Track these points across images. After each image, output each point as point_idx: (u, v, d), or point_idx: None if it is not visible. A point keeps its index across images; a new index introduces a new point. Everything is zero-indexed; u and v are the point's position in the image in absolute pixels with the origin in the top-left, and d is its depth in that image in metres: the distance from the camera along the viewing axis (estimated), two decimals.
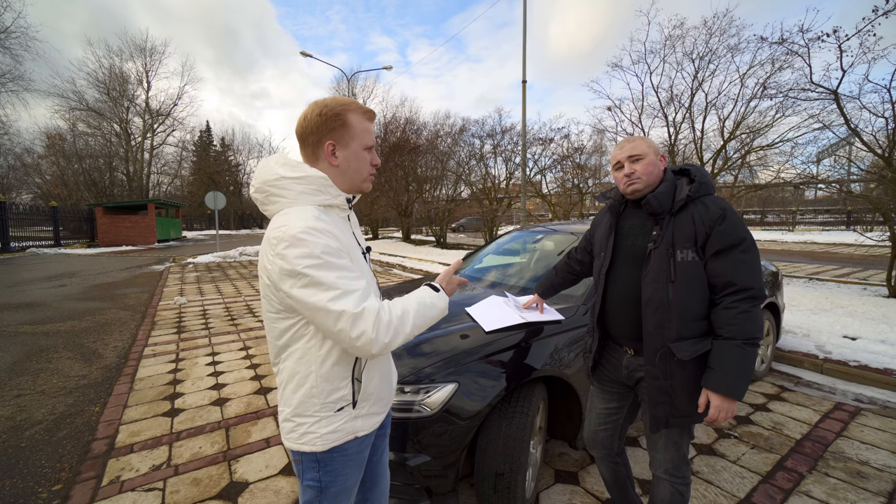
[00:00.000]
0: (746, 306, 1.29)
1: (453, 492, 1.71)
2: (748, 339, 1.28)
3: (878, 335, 4.19)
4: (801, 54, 6.44)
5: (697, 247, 1.36)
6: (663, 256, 1.39)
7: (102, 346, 4.48)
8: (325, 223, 0.96)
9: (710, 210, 1.35)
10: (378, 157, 1.11)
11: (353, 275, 0.95)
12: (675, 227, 1.39)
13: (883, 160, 5.95)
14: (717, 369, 1.31)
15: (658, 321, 1.39)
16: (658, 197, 1.41)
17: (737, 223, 1.33)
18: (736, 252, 1.31)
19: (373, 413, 1.11)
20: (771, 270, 3.78)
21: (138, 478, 2.23)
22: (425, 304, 1.05)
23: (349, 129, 1.04)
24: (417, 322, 1.01)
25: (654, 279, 1.40)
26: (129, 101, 33.01)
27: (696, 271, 1.35)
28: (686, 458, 1.52)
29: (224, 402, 3.16)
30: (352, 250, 1.03)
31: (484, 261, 3.53)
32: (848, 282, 7.61)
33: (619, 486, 1.78)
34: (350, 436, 1.06)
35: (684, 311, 1.35)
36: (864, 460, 2.38)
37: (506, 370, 1.83)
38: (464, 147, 17.16)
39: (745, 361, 1.28)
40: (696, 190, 1.40)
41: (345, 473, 1.07)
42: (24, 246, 16.46)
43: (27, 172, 32.65)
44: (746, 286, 1.29)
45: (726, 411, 1.31)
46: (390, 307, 0.98)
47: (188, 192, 41.50)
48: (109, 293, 7.64)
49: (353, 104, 1.06)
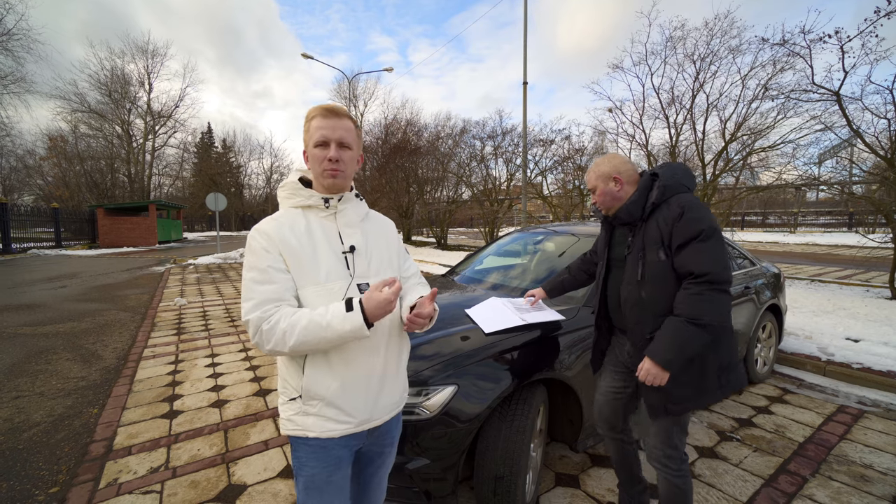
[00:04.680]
0: (698, 289, 1.39)
1: (453, 495, 1.69)
2: (691, 318, 1.38)
3: (881, 337, 4.16)
4: (802, 55, 6.43)
5: (665, 246, 1.48)
6: (634, 260, 1.55)
7: (102, 348, 4.47)
8: (272, 225, 1.07)
9: (672, 210, 1.47)
10: (336, 151, 1.07)
11: (260, 279, 1.01)
12: (645, 231, 1.54)
13: (885, 161, 5.94)
14: (656, 338, 1.45)
15: (636, 318, 1.56)
16: (628, 208, 1.57)
17: (694, 217, 1.43)
18: (694, 243, 1.42)
19: (328, 418, 1.06)
20: (773, 272, 3.76)
21: (136, 480, 2.21)
22: (318, 325, 0.96)
23: (308, 132, 1.09)
24: (303, 340, 0.96)
25: (629, 281, 1.58)
26: (130, 102, 33.05)
27: (665, 270, 1.48)
28: (678, 450, 1.59)
29: (223, 403, 3.14)
30: (301, 252, 1.05)
31: (484, 262, 3.52)
32: (850, 284, 7.58)
33: (626, 466, 1.87)
34: (301, 431, 1.07)
35: (656, 307, 1.50)
36: (868, 463, 2.36)
37: (506, 372, 1.81)
38: (465, 148, 17.20)
39: (681, 336, 1.39)
40: (661, 195, 1.52)
41: (310, 465, 1.09)
42: (25, 247, 16.48)
43: (29, 174, 32.70)
44: (703, 272, 1.39)
45: (653, 376, 1.43)
46: (277, 321, 0.97)
47: (189, 194, 41.57)
48: (110, 294, 7.64)
49: (318, 108, 1.09)
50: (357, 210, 1.19)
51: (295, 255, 1.04)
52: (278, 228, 1.06)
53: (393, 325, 1.17)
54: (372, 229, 1.22)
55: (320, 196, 1.11)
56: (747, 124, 8.01)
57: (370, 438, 1.18)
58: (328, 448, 1.08)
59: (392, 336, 1.17)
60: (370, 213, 1.27)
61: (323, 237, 1.10)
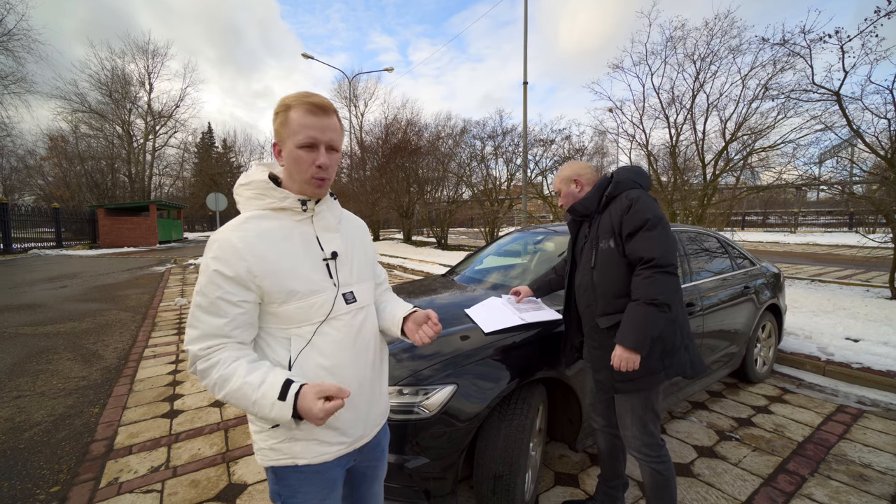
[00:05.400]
0: (649, 273, 1.52)
1: (452, 494, 1.70)
2: (650, 300, 1.50)
3: (881, 337, 4.16)
4: (802, 55, 6.42)
5: (615, 235, 1.63)
6: (589, 249, 1.72)
7: (102, 348, 4.48)
8: (238, 236, 0.90)
9: (622, 202, 1.63)
10: (326, 157, 0.94)
11: (207, 308, 0.88)
12: (599, 223, 1.71)
13: (886, 161, 5.93)
14: (622, 325, 1.54)
15: (587, 301, 1.74)
16: (583, 202, 1.78)
17: (641, 209, 1.58)
18: (641, 232, 1.56)
19: (321, 441, 0.96)
20: (773, 272, 3.76)
21: (137, 479, 2.22)
22: (245, 396, 0.85)
23: (287, 126, 0.92)
24: (230, 400, 0.87)
25: (583, 267, 1.75)
26: (131, 102, 33.06)
27: (614, 257, 1.63)
28: (654, 436, 1.67)
29: (223, 403, 3.15)
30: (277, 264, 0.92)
31: (484, 262, 3.52)
32: (850, 283, 7.58)
33: (612, 458, 1.93)
34: (289, 459, 0.96)
35: (606, 290, 1.65)
36: (867, 463, 2.36)
37: (505, 372, 1.82)
38: (465, 148, 17.18)
39: (642, 318, 1.50)
40: (613, 189, 1.70)
41: (304, 492, 0.99)
42: (26, 247, 16.50)
43: (30, 174, 32.75)
44: (651, 257, 1.52)
45: (626, 361, 1.51)
46: (213, 365, 0.86)
47: (190, 194, 41.60)
48: (110, 294, 7.65)
49: (299, 98, 0.93)
50: (334, 212, 1.06)
51: (270, 268, 0.91)
52: (245, 239, 0.90)
53: (375, 332, 1.11)
54: (349, 232, 1.11)
55: (297, 198, 0.97)
56: (747, 124, 8.01)
57: (361, 455, 1.09)
58: (322, 472, 0.99)
59: (375, 341, 1.11)
60: (343, 213, 1.14)
61: (301, 244, 0.97)
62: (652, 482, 1.67)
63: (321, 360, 0.96)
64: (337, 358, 0.98)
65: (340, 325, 0.99)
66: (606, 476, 1.96)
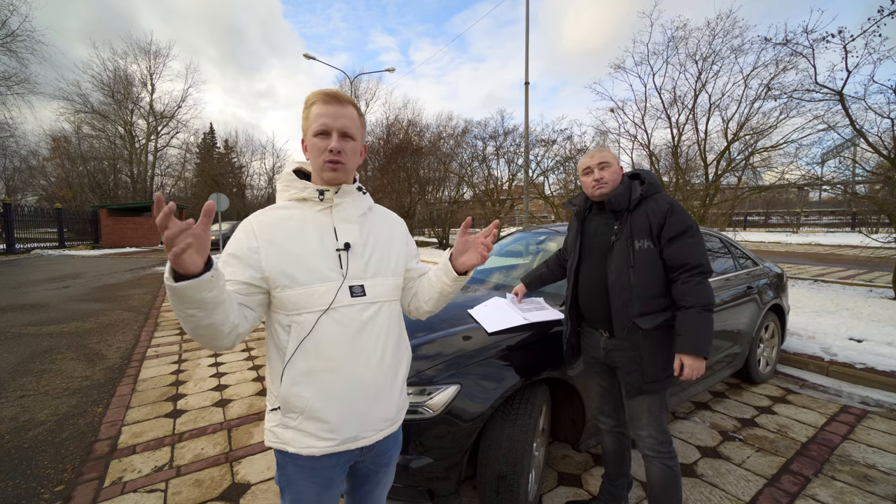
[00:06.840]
0: (700, 279, 1.56)
1: (456, 494, 1.70)
2: (704, 306, 1.54)
3: (885, 337, 4.15)
4: (805, 55, 6.41)
5: (653, 236, 1.62)
6: (624, 246, 1.66)
7: (106, 348, 4.50)
8: (263, 216, 1.00)
9: (660, 205, 1.64)
10: (338, 142, 0.98)
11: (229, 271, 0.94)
12: (632, 221, 1.66)
13: (889, 161, 5.92)
14: (683, 334, 1.54)
15: (623, 301, 1.65)
16: (618, 196, 1.69)
17: (683, 214, 1.62)
18: (685, 237, 1.59)
19: (308, 433, 0.97)
20: (776, 272, 3.75)
21: (140, 479, 2.23)
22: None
23: (307, 119, 1.00)
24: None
25: (617, 266, 1.67)
26: (133, 103, 33.12)
27: (653, 257, 1.62)
28: (667, 433, 1.71)
29: (226, 403, 3.16)
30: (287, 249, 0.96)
31: (486, 262, 3.52)
32: (853, 284, 7.56)
33: (618, 457, 1.93)
34: (281, 444, 0.99)
35: (643, 290, 1.62)
36: (871, 464, 2.35)
37: (508, 372, 1.82)
38: (466, 149, 17.21)
39: (704, 324, 1.53)
40: (647, 189, 1.69)
41: (298, 484, 1.01)
42: (28, 248, 16.56)
43: (32, 175, 32.85)
44: (697, 263, 1.57)
45: (697, 369, 1.53)
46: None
47: (192, 194, 41.59)
48: (113, 294, 7.67)
49: (318, 94, 1.00)
50: (358, 204, 1.08)
51: (274, 251, 0.95)
52: (262, 221, 0.99)
53: (390, 332, 1.06)
54: (374, 226, 1.11)
55: (315, 188, 1.02)
56: (750, 124, 8.00)
57: (363, 456, 1.07)
58: (317, 468, 1.00)
59: (388, 342, 1.05)
60: (375, 208, 1.16)
61: (316, 233, 1.00)
62: (663, 479, 1.68)
63: (318, 351, 0.96)
64: (334, 350, 0.97)
65: (341, 316, 0.98)
66: (611, 475, 1.95)
